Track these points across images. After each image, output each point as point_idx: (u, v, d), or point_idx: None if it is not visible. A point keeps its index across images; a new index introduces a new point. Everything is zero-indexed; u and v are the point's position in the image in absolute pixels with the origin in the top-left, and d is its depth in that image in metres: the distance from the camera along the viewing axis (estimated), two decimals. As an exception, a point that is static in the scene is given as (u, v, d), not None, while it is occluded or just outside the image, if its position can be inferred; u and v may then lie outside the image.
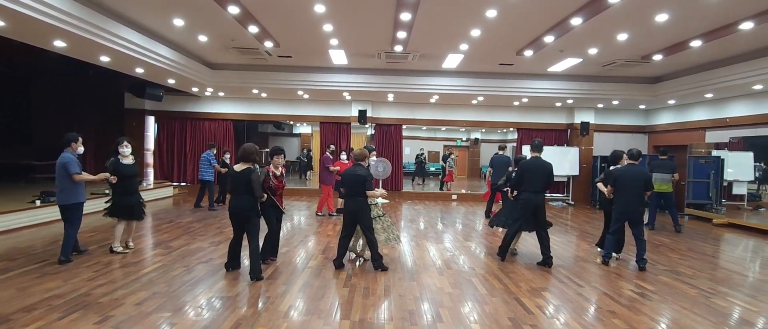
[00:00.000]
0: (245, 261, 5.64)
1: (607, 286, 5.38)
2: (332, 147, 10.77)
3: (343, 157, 9.81)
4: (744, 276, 6.10)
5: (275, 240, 6.01)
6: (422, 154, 20.10)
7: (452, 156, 17.04)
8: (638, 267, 6.11)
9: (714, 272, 6.20)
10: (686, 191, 11.41)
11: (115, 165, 5.99)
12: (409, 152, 21.50)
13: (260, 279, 5.15)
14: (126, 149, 6.12)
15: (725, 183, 11.71)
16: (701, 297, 5.06)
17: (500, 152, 10.69)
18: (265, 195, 5.54)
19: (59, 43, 7.53)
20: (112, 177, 5.92)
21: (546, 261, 6.14)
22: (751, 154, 11.71)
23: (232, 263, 5.50)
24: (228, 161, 11.04)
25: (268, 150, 6.27)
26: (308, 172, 20.95)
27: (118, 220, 6.18)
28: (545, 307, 4.62)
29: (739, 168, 11.68)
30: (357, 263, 6.11)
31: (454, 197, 14.82)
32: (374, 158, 7.18)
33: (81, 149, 5.83)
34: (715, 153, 11.85)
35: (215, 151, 10.83)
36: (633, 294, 5.13)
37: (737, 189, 12.04)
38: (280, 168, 5.88)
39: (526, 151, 7.04)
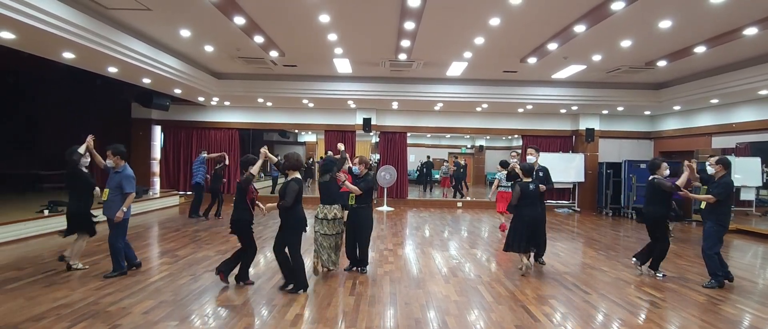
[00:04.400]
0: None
1: (614, 294, 5.35)
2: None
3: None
4: (753, 282, 6.04)
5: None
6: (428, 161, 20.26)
7: (445, 164, 17.62)
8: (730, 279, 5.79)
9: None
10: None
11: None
12: (413, 160, 21.54)
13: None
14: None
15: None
16: (710, 305, 5.02)
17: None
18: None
19: (68, 55, 7.64)
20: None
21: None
22: (758, 160, 11.64)
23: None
24: (222, 172, 10.63)
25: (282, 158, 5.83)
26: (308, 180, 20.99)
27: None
28: (552, 315, 4.59)
29: (747, 173, 11.59)
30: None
31: (460, 205, 14.80)
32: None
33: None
34: (721, 158, 11.77)
35: (205, 156, 10.77)
36: (641, 301, 5.10)
37: (745, 195, 11.94)
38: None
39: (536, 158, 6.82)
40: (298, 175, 5.04)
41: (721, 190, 5.54)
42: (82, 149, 5.59)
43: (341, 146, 6.71)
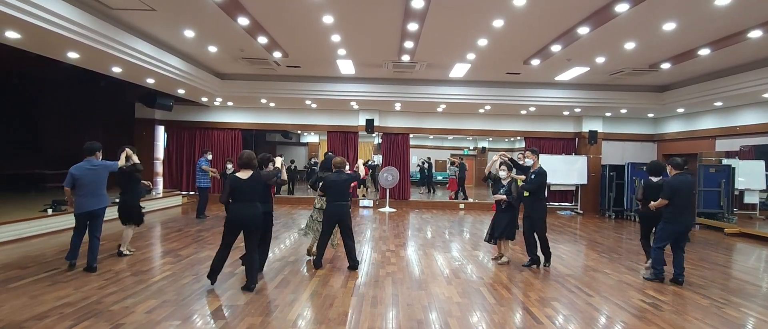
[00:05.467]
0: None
1: (617, 296, 5.33)
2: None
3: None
4: (757, 286, 6.02)
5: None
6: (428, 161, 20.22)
7: (451, 167, 17.37)
8: (678, 282, 5.84)
9: (726, 282, 6.12)
10: (696, 200, 11.29)
11: None
12: (416, 161, 21.52)
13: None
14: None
15: (736, 192, 11.58)
16: (713, 308, 5.00)
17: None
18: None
19: (73, 55, 7.67)
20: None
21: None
22: (762, 163, 11.59)
23: (215, 276, 5.25)
24: (228, 172, 10.81)
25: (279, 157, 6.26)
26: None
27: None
28: (554, 317, 4.58)
29: (751, 176, 11.55)
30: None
31: (462, 206, 14.78)
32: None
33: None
34: (725, 161, 11.74)
35: (204, 164, 10.78)
36: (644, 304, 5.08)
37: (749, 199, 11.89)
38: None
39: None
40: (241, 174, 5.09)
41: (664, 190, 5.87)
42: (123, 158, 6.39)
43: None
